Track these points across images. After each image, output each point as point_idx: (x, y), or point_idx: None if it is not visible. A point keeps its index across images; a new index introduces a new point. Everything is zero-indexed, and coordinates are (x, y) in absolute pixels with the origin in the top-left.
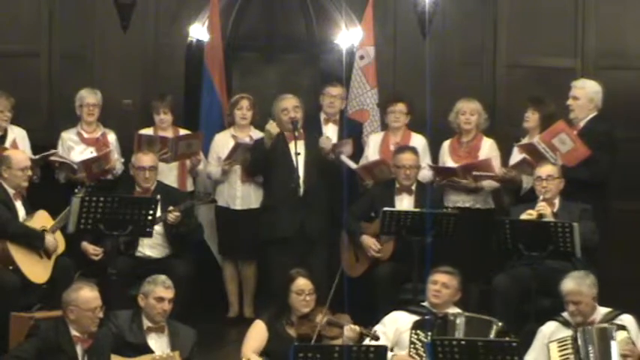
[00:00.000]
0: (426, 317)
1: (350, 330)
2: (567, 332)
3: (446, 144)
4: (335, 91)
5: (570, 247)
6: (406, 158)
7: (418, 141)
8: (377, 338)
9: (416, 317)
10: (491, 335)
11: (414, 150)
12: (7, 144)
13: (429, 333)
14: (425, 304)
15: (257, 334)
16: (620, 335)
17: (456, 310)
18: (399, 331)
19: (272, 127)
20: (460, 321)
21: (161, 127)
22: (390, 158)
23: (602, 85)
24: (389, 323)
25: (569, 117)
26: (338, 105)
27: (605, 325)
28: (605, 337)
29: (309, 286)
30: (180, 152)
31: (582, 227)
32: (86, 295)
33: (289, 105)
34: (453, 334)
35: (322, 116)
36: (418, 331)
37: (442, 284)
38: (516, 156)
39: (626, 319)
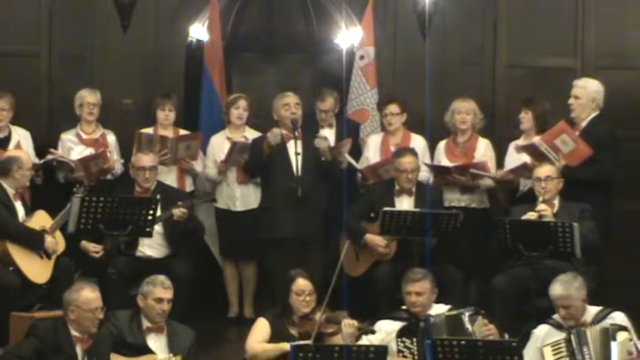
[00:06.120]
0: (411, 322)
1: (348, 325)
2: (560, 335)
3: (442, 144)
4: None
5: (570, 247)
6: (407, 162)
7: (418, 142)
8: (372, 332)
9: (400, 324)
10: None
11: (413, 152)
12: (12, 146)
13: (414, 339)
14: (406, 307)
15: (261, 329)
16: (621, 336)
17: (439, 308)
18: (386, 340)
19: (275, 136)
20: (441, 322)
21: (163, 124)
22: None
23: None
24: (375, 334)
25: (571, 116)
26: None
27: (607, 326)
28: (605, 338)
29: (309, 286)
30: (179, 155)
31: (582, 227)
32: (87, 295)
33: (291, 101)
34: (437, 335)
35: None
36: (404, 339)
37: (415, 294)
38: (512, 155)
39: (618, 316)
